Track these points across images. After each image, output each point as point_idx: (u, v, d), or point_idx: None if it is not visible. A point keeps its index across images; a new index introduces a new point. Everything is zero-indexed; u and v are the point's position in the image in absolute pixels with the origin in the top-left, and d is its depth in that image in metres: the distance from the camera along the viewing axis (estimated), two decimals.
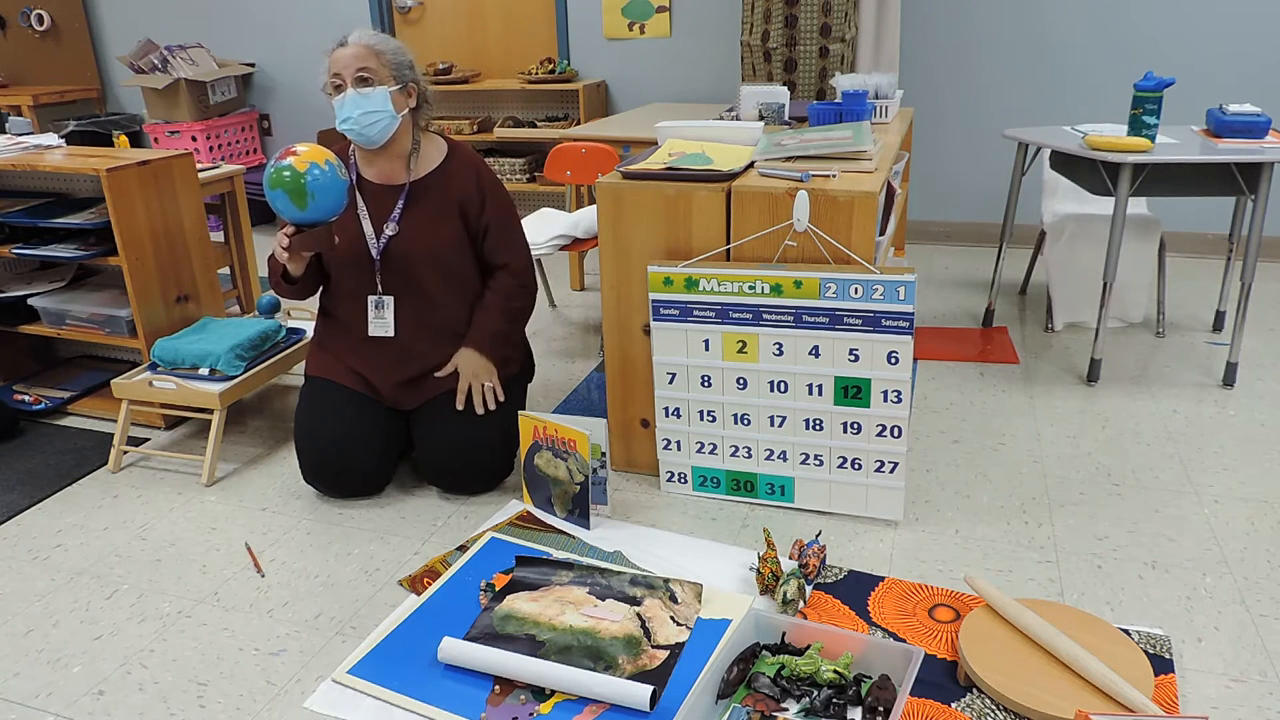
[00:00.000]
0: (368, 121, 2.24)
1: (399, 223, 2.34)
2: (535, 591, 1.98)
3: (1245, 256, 2.77)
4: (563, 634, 1.84)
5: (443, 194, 2.36)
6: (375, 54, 2.25)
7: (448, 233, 2.36)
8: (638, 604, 1.92)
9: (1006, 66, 4.25)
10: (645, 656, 1.78)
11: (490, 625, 1.88)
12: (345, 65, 2.23)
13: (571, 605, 1.92)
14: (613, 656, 1.78)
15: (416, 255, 2.34)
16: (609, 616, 1.88)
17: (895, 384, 2.09)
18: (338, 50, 2.26)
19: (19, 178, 3.05)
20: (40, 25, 5.39)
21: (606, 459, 2.26)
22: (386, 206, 2.36)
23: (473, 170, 2.40)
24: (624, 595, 1.95)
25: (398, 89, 2.27)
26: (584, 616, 1.88)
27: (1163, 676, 1.69)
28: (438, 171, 2.38)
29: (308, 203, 2.12)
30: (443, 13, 5.09)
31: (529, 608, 1.92)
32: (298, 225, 2.18)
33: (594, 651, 1.79)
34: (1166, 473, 2.43)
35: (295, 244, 2.18)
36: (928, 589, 1.97)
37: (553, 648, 1.81)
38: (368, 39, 2.27)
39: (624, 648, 1.80)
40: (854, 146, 2.27)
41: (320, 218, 2.16)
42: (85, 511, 2.41)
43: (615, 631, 1.83)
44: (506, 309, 2.42)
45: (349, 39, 2.27)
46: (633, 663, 1.76)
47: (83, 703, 1.75)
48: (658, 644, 1.81)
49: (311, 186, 2.10)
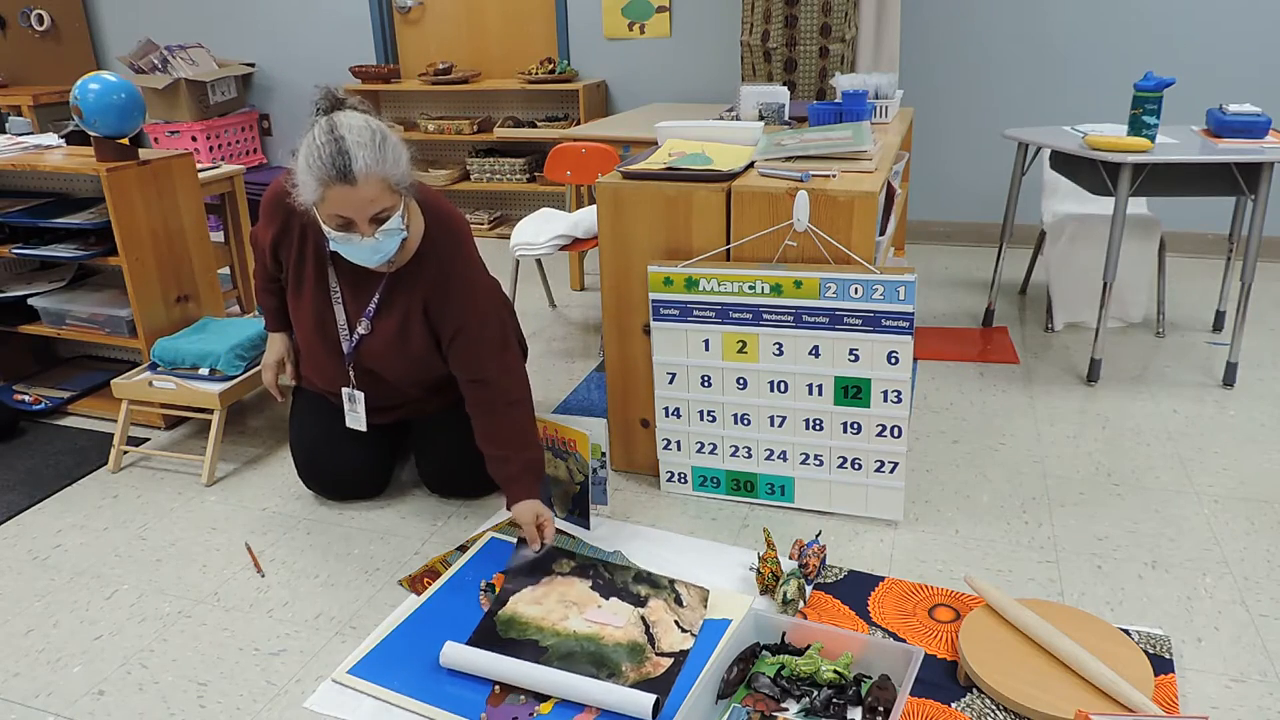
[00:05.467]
0: (383, 260, 1.97)
1: (372, 321, 2.11)
2: (537, 587, 1.96)
3: (1245, 256, 2.77)
4: (566, 640, 1.82)
5: (409, 295, 2.08)
6: (389, 186, 1.86)
7: (416, 343, 2.11)
8: (642, 604, 1.90)
9: (1006, 66, 4.25)
10: (649, 664, 1.76)
11: (493, 629, 1.86)
12: (358, 210, 1.85)
13: (575, 606, 1.90)
14: (616, 664, 1.75)
15: (388, 360, 2.15)
16: (613, 621, 1.85)
17: (895, 384, 2.09)
18: (340, 189, 1.82)
19: (19, 178, 3.05)
20: (40, 25, 5.39)
21: (606, 459, 2.26)
22: (363, 298, 2.11)
23: (442, 266, 2.06)
24: (628, 593, 1.94)
25: (404, 204, 1.94)
26: (588, 622, 1.86)
27: (1163, 676, 1.69)
28: (414, 264, 2.06)
29: None
30: (443, 13, 5.09)
31: (531, 611, 1.90)
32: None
33: (597, 658, 1.77)
34: (1166, 473, 2.43)
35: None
36: (928, 589, 1.97)
37: (556, 654, 1.79)
38: (377, 169, 1.83)
39: (628, 655, 1.77)
40: (854, 146, 2.27)
41: None
42: (85, 511, 2.41)
43: (619, 638, 1.81)
44: (520, 430, 2.07)
45: (355, 172, 1.80)
46: (636, 670, 1.74)
47: (83, 703, 1.75)
48: (662, 651, 1.79)
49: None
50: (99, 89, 2.58)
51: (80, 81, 2.60)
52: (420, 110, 5.21)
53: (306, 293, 2.16)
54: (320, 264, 2.13)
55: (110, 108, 2.58)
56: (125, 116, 2.62)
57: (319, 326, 2.16)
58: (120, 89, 2.61)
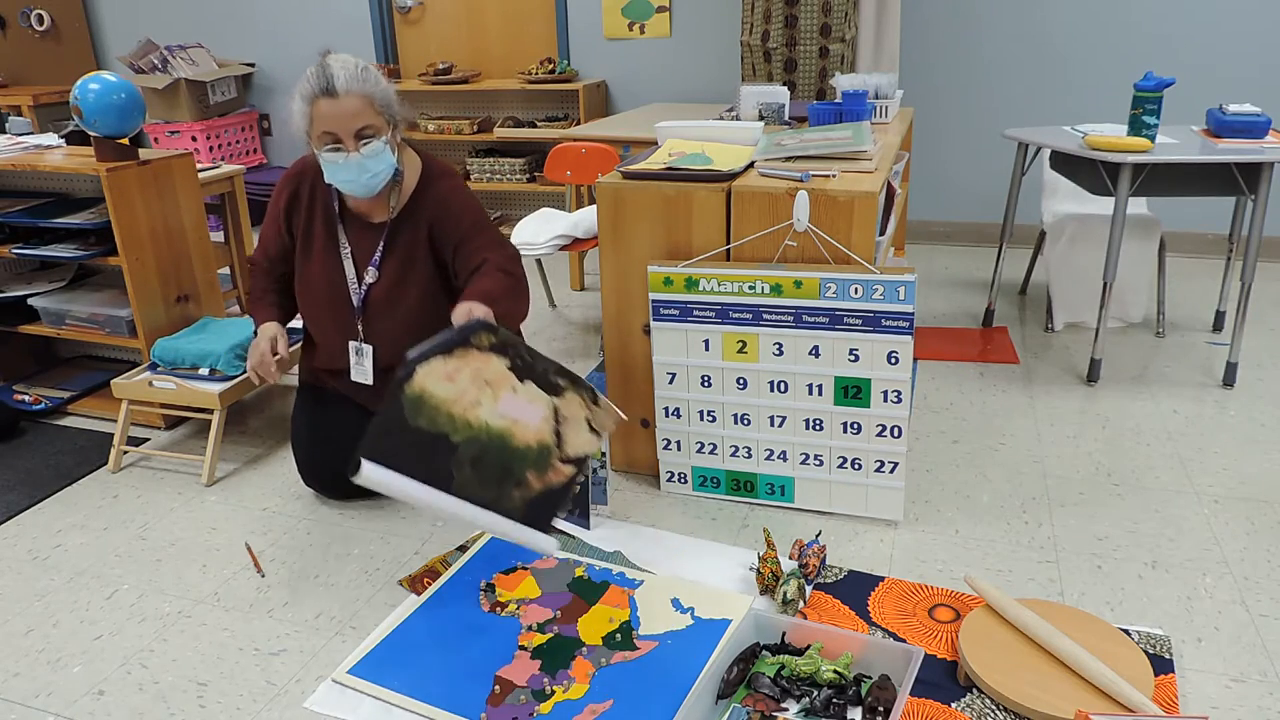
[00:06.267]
0: (372, 183, 2.11)
1: (379, 268, 2.23)
2: (451, 358, 1.79)
3: (1245, 256, 2.77)
4: (477, 435, 1.81)
5: (414, 230, 2.22)
6: (371, 104, 2.05)
7: (420, 276, 2.22)
8: (558, 395, 1.87)
9: (1007, 66, 4.25)
10: (552, 472, 1.87)
11: (401, 411, 1.75)
12: (342, 123, 2.02)
13: (489, 388, 1.82)
14: (523, 473, 1.85)
15: (396, 304, 2.24)
16: (524, 417, 1.84)
17: (895, 384, 2.09)
18: (324, 102, 2.01)
19: (19, 178, 3.05)
20: (40, 25, 5.39)
21: (606, 459, 2.26)
22: (367, 247, 2.24)
23: (444, 200, 2.23)
24: (546, 381, 1.86)
25: (390, 132, 2.10)
26: (500, 416, 1.83)
27: (1163, 676, 1.69)
28: (412, 201, 2.23)
29: None
30: (443, 13, 5.09)
31: (443, 390, 1.78)
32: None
33: (504, 465, 1.83)
34: (1166, 473, 2.43)
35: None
36: (928, 589, 1.97)
37: (465, 454, 1.80)
38: (358, 85, 2.03)
39: (534, 461, 1.85)
40: (854, 146, 2.27)
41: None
42: (85, 511, 2.41)
43: (529, 439, 1.85)
44: (501, 282, 2.13)
45: (336, 86, 2.00)
46: (540, 479, 1.86)
47: (83, 703, 1.75)
48: (566, 457, 1.88)
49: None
50: (99, 89, 2.58)
51: (80, 81, 2.60)
52: (420, 110, 5.21)
53: (316, 254, 2.28)
54: (329, 223, 2.27)
55: (110, 108, 2.58)
56: (125, 116, 2.63)
57: (329, 286, 2.26)
58: (120, 89, 2.61)
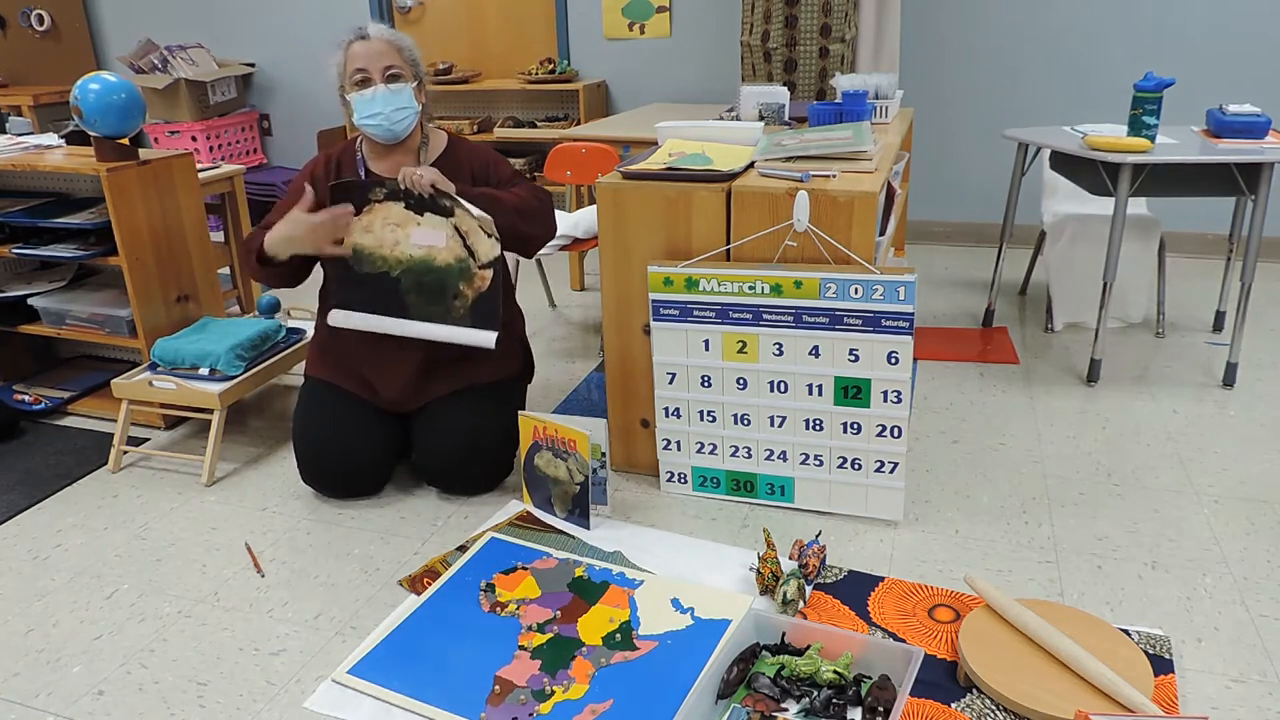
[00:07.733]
0: (398, 117, 2.25)
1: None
2: (362, 215, 2.27)
3: (1245, 256, 2.77)
4: (409, 267, 2.27)
5: (455, 177, 2.33)
6: (398, 50, 2.28)
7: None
8: (450, 215, 2.22)
9: (1007, 66, 4.25)
10: (478, 279, 2.25)
11: (348, 266, 2.30)
12: (371, 61, 2.23)
13: (398, 228, 2.26)
14: (456, 286, 2.26)
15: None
16: (436, 242, 2.25)
17: (895, 384, 2.09)
18: (358, 44, 2.26)
19: (19, 178, 3.05)
20: (40, 25, 5.39)
21: (606, 459, 2.26)
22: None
23: (477, 151, 2.43)
24: (436, 206, 2.22)
25: (416, 85, 2.29)
26: (417, 246, 2.26)
27: (1163, 676, 1.70)
28: (444, 159, 2.39)
29: None
30: (443, 13, 5.09)
31: (367, 240, 2.28)
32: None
33: (439, 283, 2.26)
34: (1166, 473, 2.43)
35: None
36: (928, 589, 1.97)
37: (408, 283, 2.28)
38: (387, 34, 2.28)
39: (460, 275, 2.25)
40: (854, 146, 2.27)
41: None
42: (85, 511, 2.41)
43: (448, 259, 2.25)
44: (530, 199, 2.33)
45: (369, 32, 2.27)
46: (470, 286, 2.25)
47: (83, 703, 1.75)
48: (482, 263, 2.23)
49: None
50: (99, 89, 2.58)
51: (80, 81, 2.60)
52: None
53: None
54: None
55: (110, 108, 2.59)
56: (125, 116, 2.63)
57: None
58: (120, 89, 2.61)
